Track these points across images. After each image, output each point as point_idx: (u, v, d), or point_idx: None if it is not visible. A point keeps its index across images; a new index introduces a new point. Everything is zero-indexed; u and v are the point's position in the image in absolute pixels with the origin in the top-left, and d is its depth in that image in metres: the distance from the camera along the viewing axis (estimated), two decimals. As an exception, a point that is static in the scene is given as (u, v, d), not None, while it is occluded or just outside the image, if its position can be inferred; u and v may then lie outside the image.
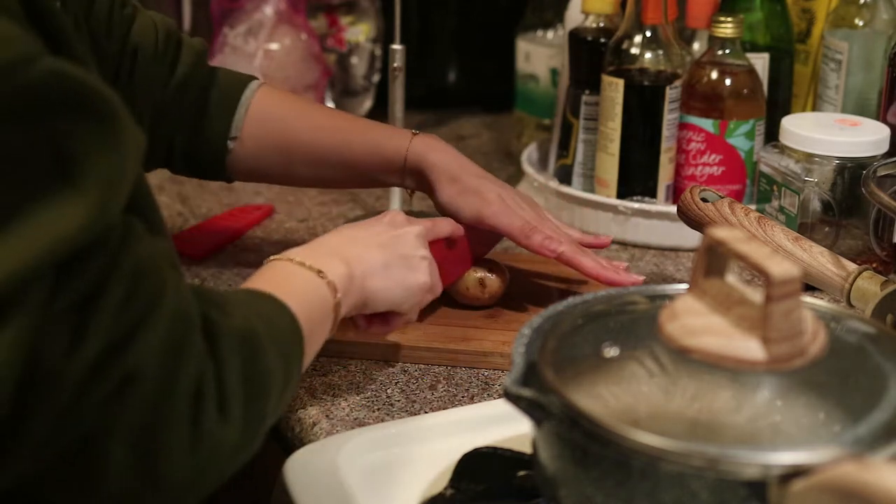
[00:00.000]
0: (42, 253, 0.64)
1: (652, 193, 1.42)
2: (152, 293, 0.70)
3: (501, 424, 0.95)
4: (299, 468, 0.93)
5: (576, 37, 1.45)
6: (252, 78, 1.22)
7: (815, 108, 1.46)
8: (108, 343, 0.68)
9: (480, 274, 1.19)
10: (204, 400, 0.72)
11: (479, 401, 1.07)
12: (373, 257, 0.98)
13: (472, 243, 1.19)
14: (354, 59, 1.80)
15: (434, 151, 1.18)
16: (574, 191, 1.46)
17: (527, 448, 0.83)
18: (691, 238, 1.23)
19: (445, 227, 1.13)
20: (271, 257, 0.93)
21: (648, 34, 1.37)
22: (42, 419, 0.67)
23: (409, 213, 1.14)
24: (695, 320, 0.76)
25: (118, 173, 0.68)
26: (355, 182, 1.26)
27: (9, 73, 0.64)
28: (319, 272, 0.91)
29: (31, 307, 0.65)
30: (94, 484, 0.70)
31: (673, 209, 1.21)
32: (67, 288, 0.66)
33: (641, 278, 1.20)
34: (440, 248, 1.12)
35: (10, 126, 0.64)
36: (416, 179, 1.20)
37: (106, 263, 0.68)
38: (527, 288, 1.25)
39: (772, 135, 1.36)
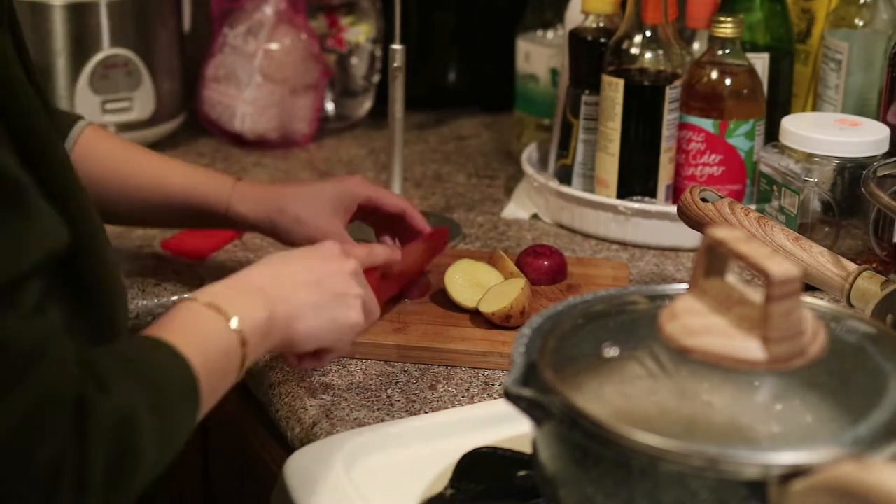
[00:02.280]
0: None
1: (652, 193, 1.42)
2: (18, 366, 0.69)
3: (501, 424, 0.95)
4: (299, 468, 0.94)
5: (576, 37, 1.45)
6: (80, 118, 1.20)
7: (815, 108, 1.46)
8: None
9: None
10: (61, 479, 0.70)
11: (479, 401, 1.07)
12: (301, 298, 0.94)
13: (414, 259, 1.21)
14: (354, 60, 1.80)
15: (254, 209, 1.19)
16: (574, 191, 1.46)
17: (527, 448, 0.83)
18: (691, 238, 1.23)
19: (382, 254, 1.11)
20: (185, 296, 0.89)
21: (648, 34, 1.37)
22: None
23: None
24: (695, 320, 0.76)
25: (10, 249, 0.68)
26: (182, 224, 1.27)
27: None
28: (231, 320, 0.86)
29: None
30: None
31: (673, 209, 1.21)
32: None
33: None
34: (375, 273, 1.10)
35: None
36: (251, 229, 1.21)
37: None
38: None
39: (772, 135, 1.36)
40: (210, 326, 0.85)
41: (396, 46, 1.41)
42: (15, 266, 0.69)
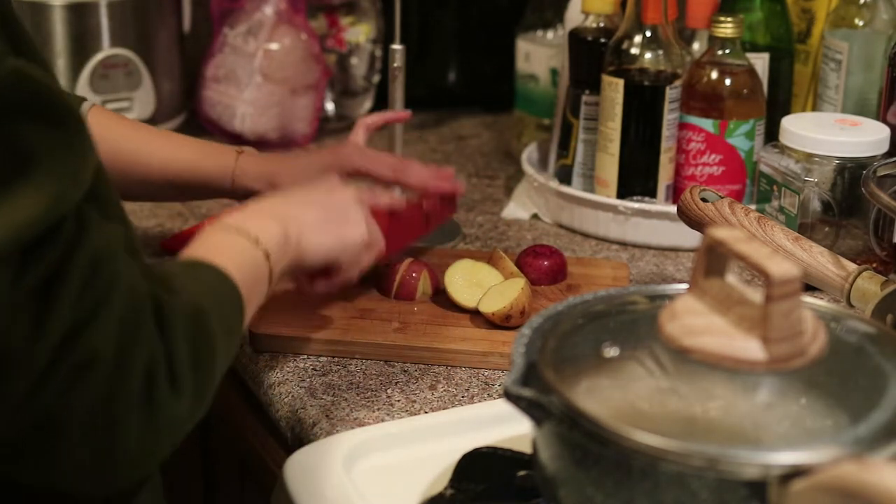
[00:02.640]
0: (3, 241, 0.68)
1: (652, 193, 1.42)
2: (107, 280, 0.73)
3: (501, 424, 0.95)
4: (299, 468, 0.94)
5: (576, 37, 1.45)
6: (83, 99, 1.23)
7: (815, 108, 1.46)
8: (68, 328, 0.71)
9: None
10: (156, 378, 0.76)
11: (479, 401, 1.07)
12: (308, 214, 1.02)
13: (418, 214, 1.24)
14: (354, 60, 1.80)
15: (254, 184, 1.24)
16: (574, 191, 1.46)
17: (527, 448, 0.83)
18: (691, 238, 1.23)
19: (383, 199, 1.18)
20: (208, 225, 0.96)
21: (648, 34, 1.37)
22: (5, 399, 0.71)
23: None
24: (695, 320, 0.76)
25: (72, 169, 0.72)
26: (188, 197, 1.33)
27: None
28: (254, 239, 0.94)
29: None
30: (53, 459, 0.74)
31: (673, 209, 1.21)
32: (27, 274, 0.70)
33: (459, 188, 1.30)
34: (383, 217, 1.15)
35: None
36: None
37: (63, 251, 0.71)
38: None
39: (772, 135, 1.36)
40: (237, 244, 0.94)
41: (396, 46, 1.41)
42: (81, 189, 0.73)
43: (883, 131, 1.28)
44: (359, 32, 1.78)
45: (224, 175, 1.25)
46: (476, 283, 1.20)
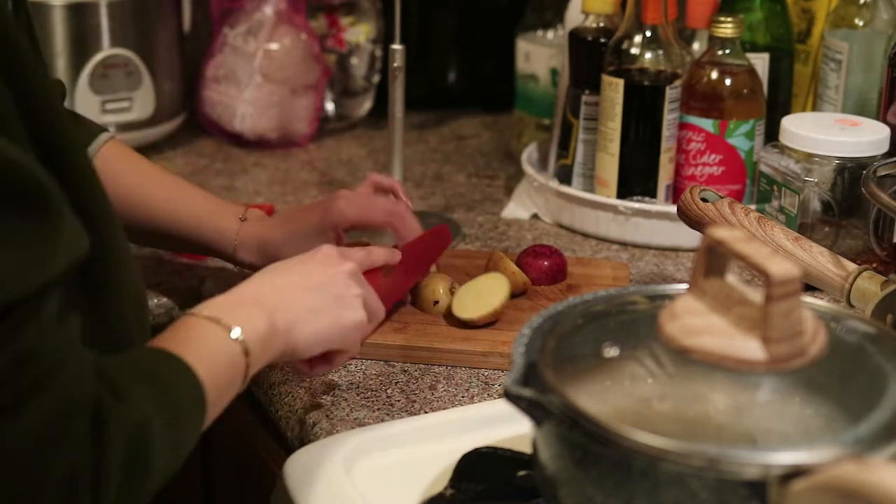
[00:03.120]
0: None
1: (652, 193, 1.42)
2: (40, 375, 0.70)
3: (501, 424, 0.95)
4: (299, 468, 0.94)
5: (576, 37, 1.45)
6: (103, 129, 1.20)
7: (815, 108, 1.46)
8: None
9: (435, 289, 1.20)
10: (78, 484, 0.71)
11: (479, 401, 1.07)
12: (300, 304, 0.95)
13: (415, 259, 1.20)
14: (354, 60, 1.80)
15: (255, 259, 1.20)
16: (574, 191, 1.46)
17: (527, 448, 0.83)
18: (691, 238, 1.23)
19: (381, 255, 1.11)
20: (188, 311, 0.90)
21: (648, 34, 1.37)
22: None
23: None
24: (695, 320, 0.76)
25: (32, 257, 0.69)
26: (191, 251, 1.28)
27: None
28: (235, 334, 0.88)
29: None
30: None
31: (673, 209, 1.21)
32: None
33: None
34: (377, 275, 1.10)
35: None
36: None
37: (5, 342, 0.68)
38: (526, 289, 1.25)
39: (772, 135, 1.36)
40: (212, 338, 0.87)
41: (396, 46, 1.41)
42: (39, 277, 0.70)
43: (883, 131, 1.28)
44: (359, 32, 1.78)
45: (225, 245, 1.21)
46: (479, 294, 1.19)
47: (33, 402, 0.69)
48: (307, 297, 0.95)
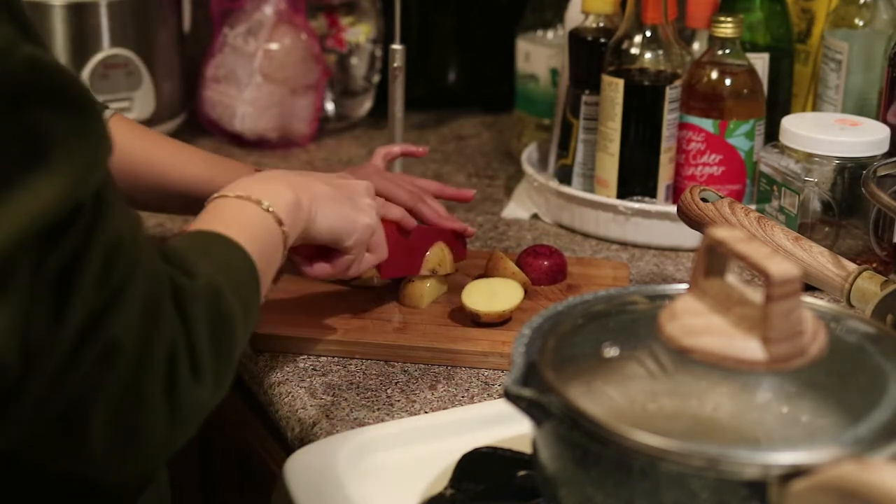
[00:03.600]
0: (23, 228, 0.68)
1: (652, 193, 1.42)
2: (127, 266, 0.73)
3: (501, 424, 0.95)
4: (299, 468, 0.93)
5: (576, 37, 1.45)
6: (105, 107, 1.22)
7: (815, 108, 1.46)
8: (89, 314, 0.71)
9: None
10: (178, 365, 0.76)
11: (479, 401, 1.07)
12: (320, 188, 1.03)
13: (429, 241, 1.22)
14: (354, 60, 1.80)
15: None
16: (574, 191, 1.46)
17: (527, 448, 0.83)
18: (691, 238, 1.23)
19: (396, 212, 1.18)
20: (215, 195, 0.96)
21: (648, 34, 1.37)
22: (31, 387, 0.71)
23: None
24: (695, 320, 0.76)
25: (90, 155, 0.72)
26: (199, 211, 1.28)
27: None
28: (266, 206, 0.94)
29: (19, 280, 0.68)
30: (76, 446, 0.75)
31: (673, 209, 1.21)
32: (48, 261, 0.70)
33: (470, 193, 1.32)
34: (392, 228, 1.15)
35: None
36: None
37: (82, 238, 0.71)
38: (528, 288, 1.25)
39: (772, 135, 1.36)
40: (248, 213, 0.94)
41: (396, 46, 1.41)
42: (99, 175, 0.73)
43: (883, 131, 1.28)
44: (359, 32, 1.78)
45: None
46: (493, 293, 1.20)
47: (130, 288, 0.73)
48: (325, 188, 1.03)
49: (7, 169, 0.68)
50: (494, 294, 1.18)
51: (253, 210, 0.94)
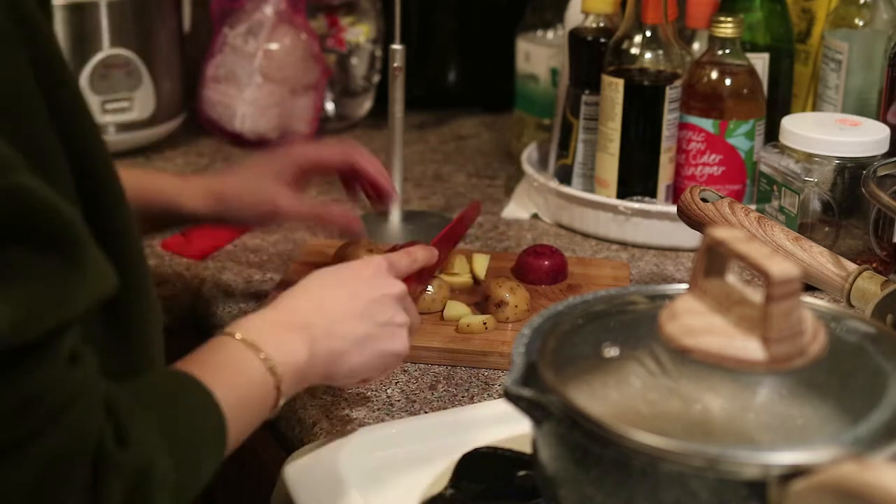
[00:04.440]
0: None
1: (652, 193, 1.42)
2: (41, 422, 0.67)
3: (501, 424, 0.95)
4: (299, 468, 0.94)
5: (576, 37, 1.45)
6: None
7: (815, 108, 1.46)
8: None
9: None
10: None
11: (479, 401, 1.07)
12: (348, 332, 0.91)
13: (445, 248, 1.20)
14: (354, 60, 1.80)
15: (202, 203, 1.17)
16: (574, 191, 1.46)
17: (527, 448, 0.83)
18: (691, 238, 1.23)
19: (422, 258, 1.07)
20: (225, 329, 0.86)
21: (648, 34, 1.37)
22: None
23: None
24: (695, 320, 0.76)
25: (58, 294, 0.67)
26: (149, 226, 1.21)
27: None
28: (270, 364, 0.84)
29: None
30: None
31: (673, 209, 1.21)
32: None
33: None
34: (412, 275, 1.07)
35: None
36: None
37: (15, 375, 0.66)
38: (527, 288, 1.25)
39: (772, 135, 1.36)
40: (245, 365, 0.84)
41: (396, 46, 1.41)
42: (59, 317, 0.67)
43: (883, 131, 1.28)
44: (359, 32, 1.78)
45: (170, 191, 1.16)
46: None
47: (33, 449, 0.67)
48: (354, 326, 0.91)
49: None
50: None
51: (252, 365, 0.84)
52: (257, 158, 1.23)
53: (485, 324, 1.16)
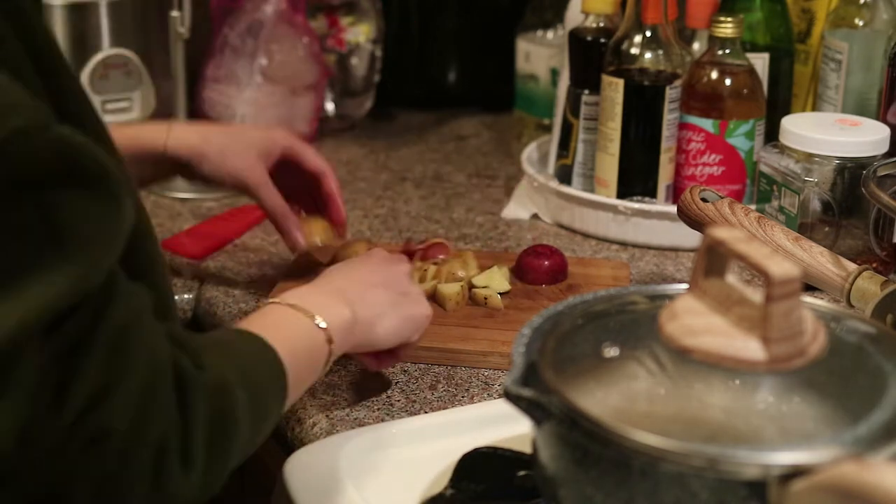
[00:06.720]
0: (32, 318, 0.67)
1: (652, 193, 1.42)
2: (128, 352, 0.72)
3: (501, 424, 0.95)
4: (299, 468, 0.94)
5: (576, 37, 1.45)
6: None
7: (815, 108, 1.46)
8: (86, 402, 0.70)
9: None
10: (168, 453, 0.74)
11: (479, 401, 1.07)
12: (379, 299, 1.00)
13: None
14: (354, 60, 1.80)
15: (187, 144, 1.19)
16: (574, 191, 1.46)
17: (527, 448, 0.83)
18: (691, 238, 1.23)
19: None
20: (270, 300, 0.94)
21: (648, 34, 1.37)
22: (19, 470, 0.70)
23: None
24: (695, 320, 0.76)
25: (106, 238, 0.71)
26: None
27: (18, 139, 0.66)
28: (319, 321, 0.92)
29: (23, 368, 0.67)
30: None
31: (673, 209, 1.21)
32: (52, 346, 0.69)
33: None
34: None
35: (9, 194, 0.66)
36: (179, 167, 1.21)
37: (88, 322, 0.70)
38: (527, 288, 1.25)
39: (772, 135, 1.36)
40: (296, 324, 0.91)
41: (175, 14, 1.39)
42: (116, 252, 0.71)
43: (883, 131, 1.28)
44: (359, 32, 1.78)
45: (157, 143, 1.19)
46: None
47: (130, 375, 0.71)
48: (381, 294, 1.00)
49: (22, 256, 0.67)
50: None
51: (303, 323, 0.92)
52: (251, 128, 1.26)
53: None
